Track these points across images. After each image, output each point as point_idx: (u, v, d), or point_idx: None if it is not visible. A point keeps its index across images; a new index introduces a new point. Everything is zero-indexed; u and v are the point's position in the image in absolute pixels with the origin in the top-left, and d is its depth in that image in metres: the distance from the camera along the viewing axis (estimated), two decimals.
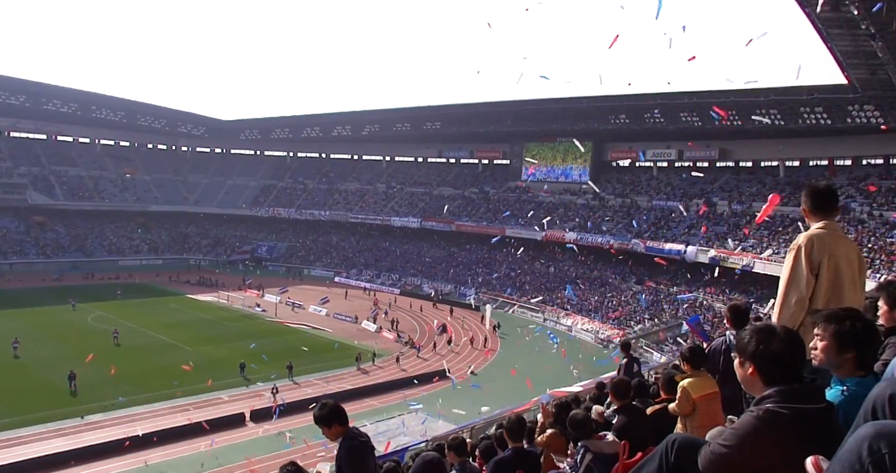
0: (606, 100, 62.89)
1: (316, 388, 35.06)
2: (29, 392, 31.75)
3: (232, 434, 28.12)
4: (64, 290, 59.87)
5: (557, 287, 62.50)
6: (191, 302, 59.42)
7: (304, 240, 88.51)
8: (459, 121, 77.17)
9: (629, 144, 69.84)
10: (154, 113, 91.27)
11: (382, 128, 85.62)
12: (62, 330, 45.17)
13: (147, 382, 34.16)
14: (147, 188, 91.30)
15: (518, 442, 4.53)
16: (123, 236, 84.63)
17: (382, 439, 27.20)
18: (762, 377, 2.14)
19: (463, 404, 32.18)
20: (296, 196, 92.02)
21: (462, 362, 42.09)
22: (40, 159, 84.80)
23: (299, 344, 44.17)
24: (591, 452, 3.77)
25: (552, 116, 69.74)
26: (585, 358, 43.13)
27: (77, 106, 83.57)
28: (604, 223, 64.87)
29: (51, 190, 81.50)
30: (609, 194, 69.55)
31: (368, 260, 79.81)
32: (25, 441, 26.11)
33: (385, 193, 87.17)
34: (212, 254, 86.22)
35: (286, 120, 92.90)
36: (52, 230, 79.93)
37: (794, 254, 3.33)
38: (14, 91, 77.49)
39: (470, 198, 79.85)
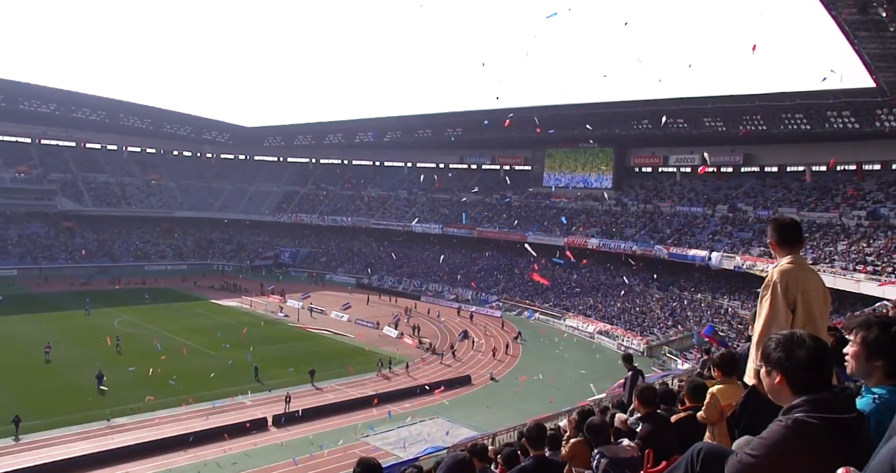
0: (629, 106, 62.56)
1: (338, 394, 35.17)
2: (58, 395, 32.24)
3: (256, 439, 28.27)
4: (91, 295, 60.84)
5: (579, 293, 62.15)
6: (215, 307, 60.00)
7: (326, 246, 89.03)
8: (481, 127, 77.14)
9: (652, 150, 69.34)
10: (180, 120, 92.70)
11: (404, 134, 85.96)
12: (90, 333, 45.84)
13: (169, 386, 34.45)
14: (172, 194, 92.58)
15: (539, 450, 4.49)
16: (149, 241, 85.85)
17: (404, 445, 27.28)
18: (790, 386, 2.10)
19: (485, 410, 32.09)
20: (318, 202, 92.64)
21: (483, 368, 41.90)
22: (69, 166, 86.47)
23: (321, 350, 44.45)
24: (607, 457, 3.73)
25: (574, 122, 69.42)
26: (609, 366, 42.79)
27: (105, 114, 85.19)
28: (626, 229, 64.45)
29: (79, 196, 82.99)
30: (631, 200, 69.05)
31: (390, 266, 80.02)
32: (52, 444, 26.50)
33: (407, 199, 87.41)
34: (235, 260, 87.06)
35: (309, 126, 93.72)
36: (81, 235, 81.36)
37: (771, 291, 3.38)
38: (45, 99, 79.27)
39: (491, 204, 79.75)
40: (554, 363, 43.78)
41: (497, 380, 39.36)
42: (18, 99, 77.57)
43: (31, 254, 74.66)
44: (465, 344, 48.80)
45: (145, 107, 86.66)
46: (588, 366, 41.55)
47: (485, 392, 36.98)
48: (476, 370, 41.36)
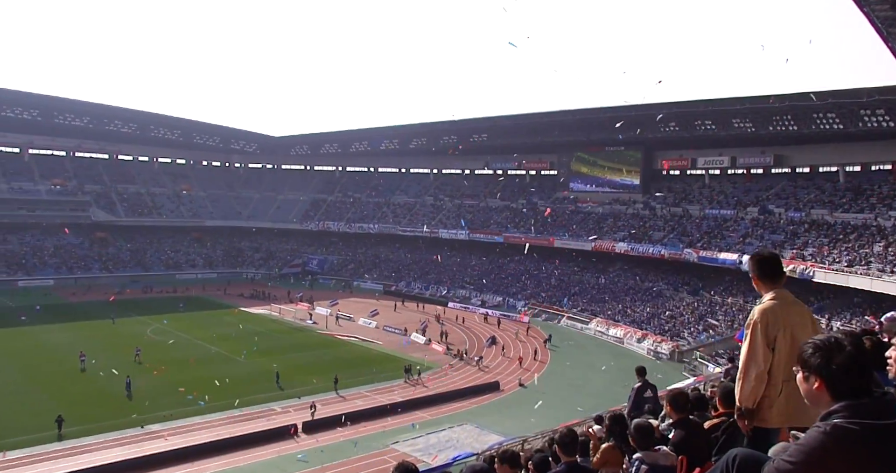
0: (656, 108, 61.98)
1: (367, 400, 35.26)
2: (93, 402, 32.83)
3: (285, 446, 28.45)
4: (125, 304, 61.99)
5: (607, 297, 61.62)
6: (244, 314, 60.66)
7: (353, 253, 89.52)
8: (506, 133, 77.11)
9: (680, 152, 68.59)
10: (209, 131, 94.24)
11: (429, 141, 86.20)
12: (124, 341, 46.62)
13: (202, 393, 34.86)
14: (202, 204, 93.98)
15: (571, 457, 4.45)
16: (180, 250, 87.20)
17: (433, 451, 27.24)
18: (830, 391, 2.04)
19: (515, 414, 31.94)
20: (345, 209, 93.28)
21: (512, 374, 41.69)
22: (103, 177, 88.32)
23: (349, 357, 44.62)
24: (647, 464, 3.68)
25: (600, 125, 68.95)
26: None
27: (136, 126, 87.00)
28: (654, 232, 63.78)
29: (112, 207, 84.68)
30: (659, 203, 68.32)
31: (417, 272, 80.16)
32: (89, 450, 26.98)
33: (433, 206, 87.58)
34: (264, 268, 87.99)
35: (335, 135, 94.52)
36: (114, 245, 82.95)
37: (751, 330, 3.41)
38: (79, 113, 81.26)
39: (518, 210, 79.52)
40: (583, 368, 43.44)
41: (526, 386, 39.11)
42: (53, 113, 79.62)
43: (66, 265, 76.30)
44: (494, 349, 48.63)
45: (175, 119, 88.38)
46: (616, 371, 41.11)
47: (514, 398, 36.78)
48: (504, 376, 41.17)
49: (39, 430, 28.59)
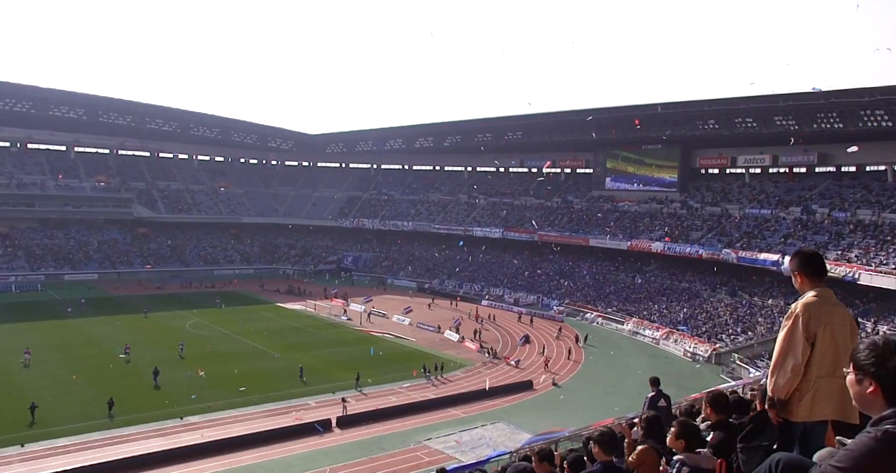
0: (694, 106, 60.94)
1: (400, 396, 35.44)
2: (135, 394, 33.62)
3: (319, 440, 28.75)
4: (166, 298, 63.40)
5: (643, 297, 60.84)
6: (280, 310, 61.49)
7: (387, 251, 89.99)
8: (541, 131, 76.59)
9: (719, 150, 67.29)
10: (246, 129, 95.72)
11: (464, 138, 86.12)
12: (166, 335, 47.73)
13: (239, 386, 35.52)
14: (240, 201, 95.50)
15: (609, 456, 4.41)
16: (218, 246, 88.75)
17: (465, 449, 27.25)
18: (885, 395, 1.98)
19: (549, 415, 31.78)
20: (380, 207, 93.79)
21: (547, 373, 41.44)
22: (144, 175, 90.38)
23: (382, 353, 44.84)
24: (688, 466, 3.63)
25: (637, 123, 68.05)
26: (674, 373, 41.75)
27: (177, 124, 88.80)
28: (692, 232, 62.73)
29: (153, 203, 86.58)
30: (697, 202, 67.16)
31: (451, 270, 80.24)
32: (130, 440, 27.67)
33: (467, 203, 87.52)
34: (300, 264, 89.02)
35: (370, 133, 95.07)
36: (155, 241, 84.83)
37: (792, 322, 3.39)
38: (122, 112, 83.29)
39: (552, 208, 79.00)
40: (617, 368, 43.00)
41: (559, 386, 38.88)
42: (98, 112, 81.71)
43: (109, 259, 78.29)
44: (527, 348, 48.43)
45: (214, 118, 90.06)
46: (652, 373, 40.57)
47: (547, 397, 36.58)
48: (538, 375, 40.97)
49: (84, 419, 29.47)
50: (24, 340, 43.27)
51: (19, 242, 75.28)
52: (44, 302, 60.48)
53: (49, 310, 55.74)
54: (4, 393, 32.94)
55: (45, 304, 58.96)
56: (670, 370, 42.67)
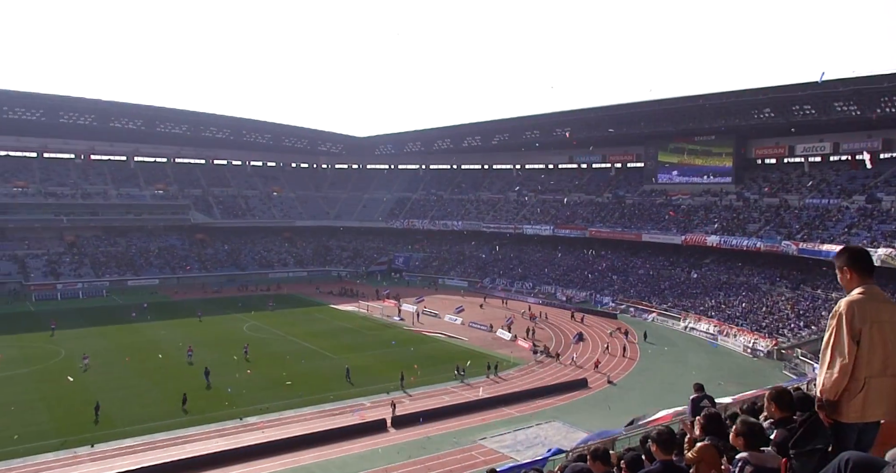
0: (749, 94, 59.10)
1: (453, 396, 35.48)
2: (197, 395, 34.53)
3: (375, 439, 29.01)
4: (222, 302, 65.09)
5: (699, 292, 59.41)
6: (334, 311, 62.39)
7: (438, 251, 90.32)
8: (590, 126, 75.62)
9: (776, 140, 65.18)
10: (297, 134, 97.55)
11: (512, 136, 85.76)
12: (226, 337, 49.05)
13: (296, 387, 36.19)
14: (292, 204, 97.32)
15: (668, 455, 4.28)
16: (272, 250, 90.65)
17: (521, 448, 27.08)
18: None
19: (604, 413, 31.32)
20: (429, 207, 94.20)
21: (602, 371, 40.87)
22: (200, 181, 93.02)
23: (435, 353, 45.03)
24: (752, 465, 3.48)
25: (689, 115, 66.53)
26: (733, 369, 40.68)
27: (230, 131, 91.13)
28: (749, 224, 60.91)
29: (209, 209, 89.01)
30: (754, 194, 65.19)
31: (502, 268, 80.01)
32: (192, 440, 28.48)
33: (516, 201, 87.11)
34: (352, 266, 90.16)
35: (418, 133, 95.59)
36: (211, 246, 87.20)
37: (836, 321, 3.30)
38: (178, 121, 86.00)
39: (603, 204, 77.93)
40: (674, 365, 42.11)
41: (615, 384, 38.30)
42: (155, 122, 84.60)
43: (169, 265, 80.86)
44: (581, 346, 47.90)
45: (266, 123, 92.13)
46: (710, 370, 39.62)
47: (602, 395, 36.07)
48: (592, 373, 40.44)
49: (150, 420, 30.48)
50: (92, 344, 45.08)
51: (85, 250, 78.47)
52: (109, 307, 62.86)
53: (114, 315, 57.90)
54: (74, 394, 34.33)
55: (111, 309, 61.26)
56: (729, 366, 41.66)
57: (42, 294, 67.42)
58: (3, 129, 77.81)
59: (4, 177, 78.62)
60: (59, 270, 73.21)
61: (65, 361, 41.60)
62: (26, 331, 50.45)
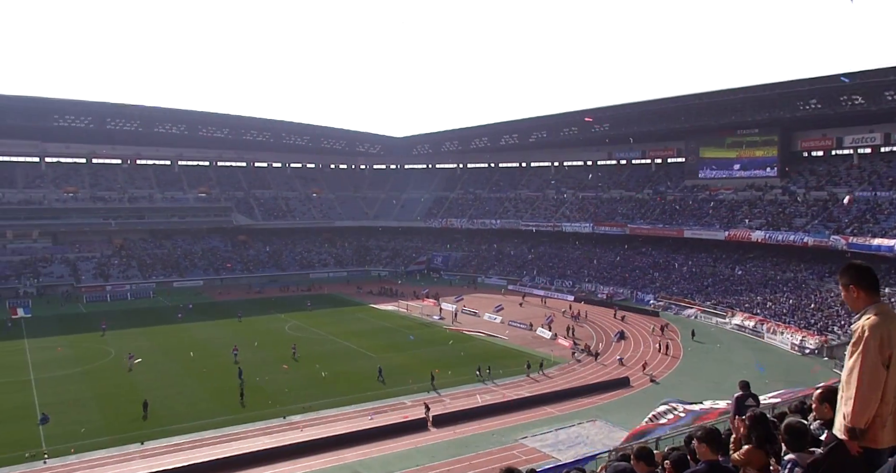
0: (793, 85, 57.50)
1: (494, 395, 35.40)
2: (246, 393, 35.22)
3: (416, 438, 29.13)
4: (264, 302, 66.14)
5: (744, 289, 58.08)
6: (374, 311, 62.83)
7: (476, 249, 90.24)
8: (629, 121, 74.57)
9: (822, 131, 63.31)
10: (335, 135, 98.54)
11: (549, 133, 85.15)
12: (268, 337, 49.88)
13: (337, 386, 36.62)
14: (331, 205, 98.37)
15: (715, 455, 4.20)
16: (312, 251, 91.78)
17: (562, 448, 26.89)
18: None
19: (647, 412, 30.81)
20: (467, 206, 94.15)
21: (649, 373, 40.30)
22: (241, 184, 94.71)
23: (476, 352, 44.99)
24: (801, 467, 3.39)
25: (731, 108, 65.08)
26: (780, 368, 39.69)
27: (270, 134, 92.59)
28: (796, 219, 59.29)
29: (251, 211, 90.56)
30: (800, 187, 63.43)
31: (541, 266, 79.54)
32: (238, 438, 29.04)
33: (555, 199, 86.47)
34: (391, 266, 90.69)
35: (455, 132, 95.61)
36: (253, 247, 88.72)
37: (863, 348, 3.19)
38: (219, 125, 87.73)
39: (643, 200, 76.80)
40: (718, 364, 41.28)
41: (658, 382, 37.72)
42: (198, 127, 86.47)
43: (213, 266, 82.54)
44: (622, 345, 47.31)
45: (304, 125, 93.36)
46: (755, 367, 38.68)
47: (645, 394, 35.55)
48: (634, 371, 39.91)
49: (197, 418, 31.20)
50: (140, 344, 46.30)
51: (132, 252, 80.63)
52: (156, 308, 64.47)
53: (161, 316, 59.37)
54: (124, 394, 35.31)
55: (158, 310, 62.82)
56: (776, 364, 40.65)
57: (92, 295, 69.56)
58: (54, 137, 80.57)
59: (56, 183, 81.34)
60: (108, 272, 75.41)
61: (114, 360, 42.82)
62: (78, 332, 52.13)
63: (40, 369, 40.62)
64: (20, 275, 71.71)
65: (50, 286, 71.38)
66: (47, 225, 77.66)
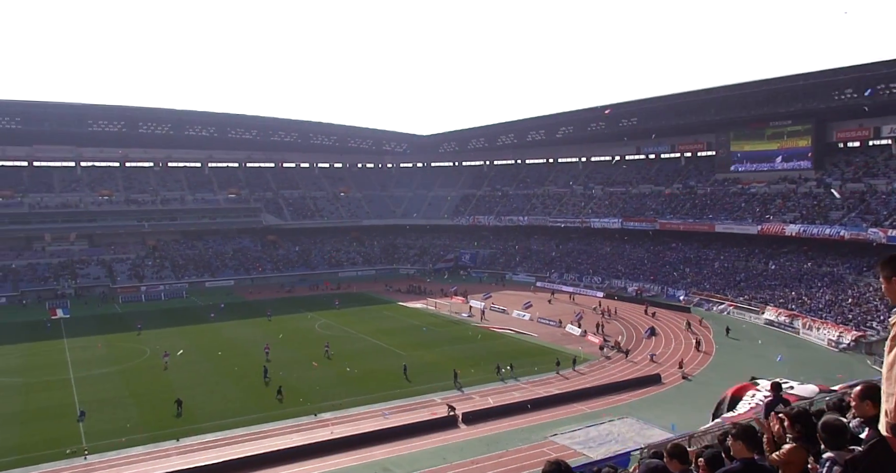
0: (828, 75, 56.12)
1: (524, 392, 35.27)
2: (272, 392, 35.60)
3: (446, 436, 29.15)
4: (294, 301, 66.76)
5: (778, 284, 56.98)
6: (402, 309, 63.03)
7: (504, 246, 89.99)
8: (657, 115, 73.62)
9: (859, 121, 61.73)
10: (362, 134, 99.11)
11: (576, 129, 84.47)
12: (298, 336, 50.38)
13: (366, 384, 36.83)
14: (359, 204, 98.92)
15: (751, 453, 4.09)
16: (341, 249, 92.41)
17: (593, 445, 26.69)
18: None
19: (679, 410, 30.48)
20: (494, 203, 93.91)
21: (676, 366, 39.80)
22: (270, 185, 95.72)
23: (505, 349, 44.86)
24: (840, 465, 3.29)
25: (763, 100, 63.80)
26: (816, 364, 38.87)
27: (298, 135, 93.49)
28: (831, 212, 57.94)
29: (280, 211, 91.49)
30: (836, 179, 61.95)
31: (570, 263, 79.01)
32: (270, 435, 29.37)
33: (583, 195, 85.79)
34: (419, 263, 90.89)
35: (481, 130, 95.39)
36: (283, 247, 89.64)
37: None
38: (248, 127, 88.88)
39: (673, 195, 75.78)
40: (753, 360, 40.57)
41: (690, 379, 37.22)
42: (227, 129, 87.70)
43: (243, 266, 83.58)
44: (653, 341, 46.79)
45: (331, 125, 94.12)
46: (792, 364, 37.93)
47: (677, 391, 35.12)
48: (665, 368, 39.44)
49: (230, 416, 31.63)
50: (174, 343, 47.04)
51: (165, 253, 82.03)
52: (189, 308, 65.49)
53: (194, 315, 60.30)
54: (158, 392, 35.95)
55: (191, 310, 63.81)
56: (812, 360, 39.86)
57: (127, 296, 70.94)
58: (88, 142, 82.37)
59: (92, 187, 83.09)
60: (142, 273, 76.84)
61: (150, 359, 43.61)
62: (115, 331, 53.24)
63: (79, 367, 41.61)
64: (59, 277, 73.48)
65: (87, 287, 73.02)
66: (84, 227, 79.42)
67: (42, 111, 74.52)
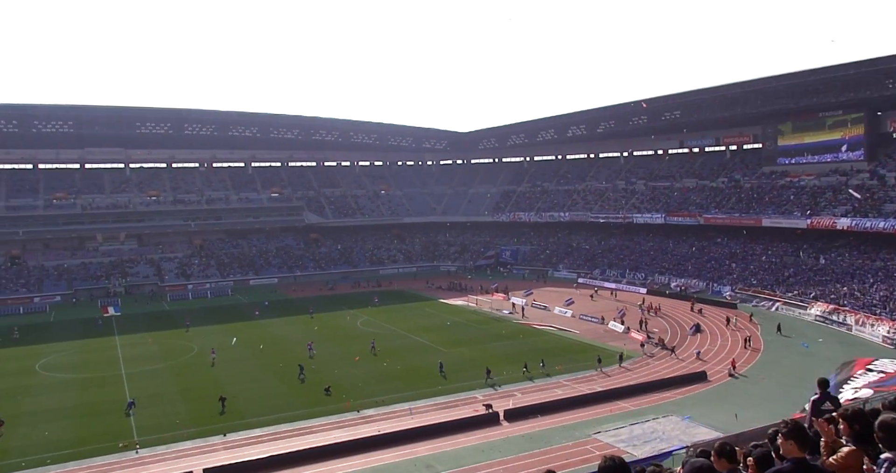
0: (881, 63, 54.14)
1: (566, 389, 34.98)
2: (317, 388, 36.08)
3: (488, 432, 29.11)
4: (336, 299, 67.50)
5: (829, 279, 55.26)
6: (443, 306, 63.15)
7: (545, 243, 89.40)
8: (701, 108, 72.10)
9: None
10: (402, 132, 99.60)
11: (618, 123, 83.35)
12: (341, 333, 50.96)
13: (408, 381, 37.03)
14: (399, 202, 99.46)
15: (802, 453, 3.96)
16: (382, 247, 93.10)
17: (637, 443, 26.34)
18: None
19: (726, 408, 29.83)
20: (535, 199, 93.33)
21: (722, 364, 38.97)
22: (312, 183, 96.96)
23: (547, 346, 44.58)
24: None
25: (812, 90, 61.91)
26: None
27: (339, 133, 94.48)
28: (886, 204, 55.89)
29: (321, 209, 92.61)
30: (890, 171, 59.75)
31: (612, 259, 78.06)
32: (313, 431, 29.75)
33: (625, 190, 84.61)
34: (459, 260, 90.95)
35: (521, 125, 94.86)
36: (325, 245, 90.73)
37: None
38: (290, 126, 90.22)
39: (718, 189, 74.13)
40: (802, 357, 39.48)
41: (737, 377, 36.39)
42: (269, 129, 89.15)
43: (286, 264, 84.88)
44: (698, 338, 45.90)
45: (371, 124, 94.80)
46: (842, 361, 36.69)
47: (724, 389, 34.37)
48: (711, 365, 38.64)
49: (274, 411, 32.15)
50: (222, 341, 48.07)
51: (211, 252, 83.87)
52: (234, 305, 66.81)
53: (239, 313, 61.48)
54: (205, 388, 36.75)
55: (236, 308, 65.08)
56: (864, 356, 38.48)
57: (175, 294, 72.76)
58: (137, 144, 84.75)
59: (140, 188, 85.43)
60: (189, 272, 78.72)
61: (198, 356, 44.65)
62: (164, 328, 54.68)
63: (130, 364, 42.86)
64: (109, 276, 75.80)
65: (136, 285, 75.19)
66: (133, 227, 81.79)
67: (93, 115, 76.96)
